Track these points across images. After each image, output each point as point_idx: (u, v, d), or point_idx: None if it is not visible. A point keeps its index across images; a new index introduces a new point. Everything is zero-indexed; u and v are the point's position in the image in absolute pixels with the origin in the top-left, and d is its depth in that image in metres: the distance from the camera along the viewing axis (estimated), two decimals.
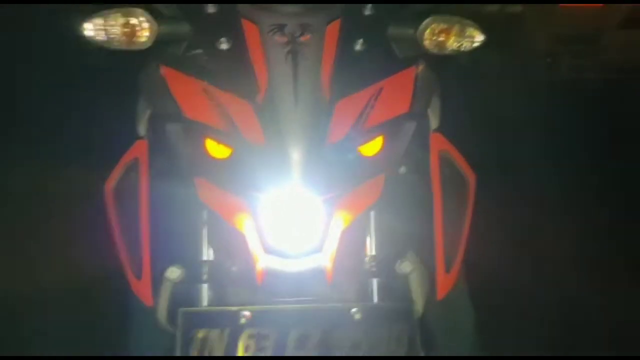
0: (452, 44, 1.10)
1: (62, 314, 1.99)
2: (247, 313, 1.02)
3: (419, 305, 1.21)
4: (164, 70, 1.07)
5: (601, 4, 3.67)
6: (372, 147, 1.06)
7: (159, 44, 1.08)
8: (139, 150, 1.19)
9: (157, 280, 1.16)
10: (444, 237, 1.20)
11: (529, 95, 3.61)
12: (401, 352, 1.02)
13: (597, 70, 3.93)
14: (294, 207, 1.01)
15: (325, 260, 1.04)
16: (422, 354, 1.03)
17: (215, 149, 1.04)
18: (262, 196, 1.01)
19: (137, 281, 1.15)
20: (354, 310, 1.04)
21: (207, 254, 1.15)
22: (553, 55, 3.90)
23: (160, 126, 1.07)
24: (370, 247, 1.17)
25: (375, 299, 1.13)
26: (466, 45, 1.11)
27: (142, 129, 1.22)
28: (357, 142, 1.04)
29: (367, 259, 1.16)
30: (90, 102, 2.74)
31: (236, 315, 1.03)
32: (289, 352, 1.00)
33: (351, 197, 1.05)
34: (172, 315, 1.17)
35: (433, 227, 1.20)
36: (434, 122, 1.29)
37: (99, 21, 1.05)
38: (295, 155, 0.99)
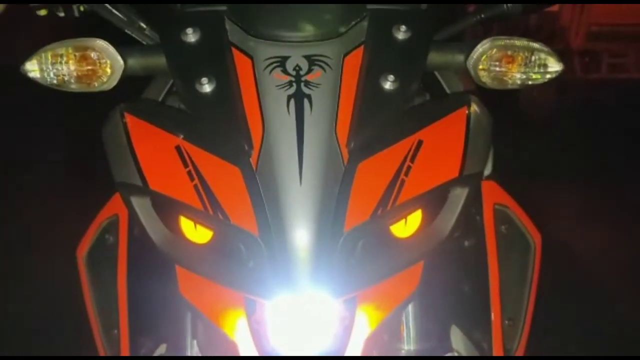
0: (516, 75, 0.82)
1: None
2: None
3: None
4: (129, 120, 0.80)
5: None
6: (409, 225, 0.78)
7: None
8: (118, 205, 0.94)
9: None
10: (503, 315, 0.95)
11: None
12: None
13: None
14: (301, 311, 0.75)
15: None
16: None
17: (193, 232, 0.77)
18: (259, 296, 0.75)
19: None
20: None
21: (193, 347, 0.92)
22: (591, 54, 3.67)
23: (124, 199, 0.80)
24: (408, 338, 0.92)
25: None
26: (536, 77, 0.82)
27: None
28: (387, 222, 0.76)
29: (403, 350, 0.90)
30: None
31: None
32: None
33: (380, 292, 0.78)
34: None
35: (488, 301, 0.95)
36: (486, 168, 1.00)
37: (45, 59, 0.80)
38: (302, 249, 0.71)
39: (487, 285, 0.96)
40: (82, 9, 0.97)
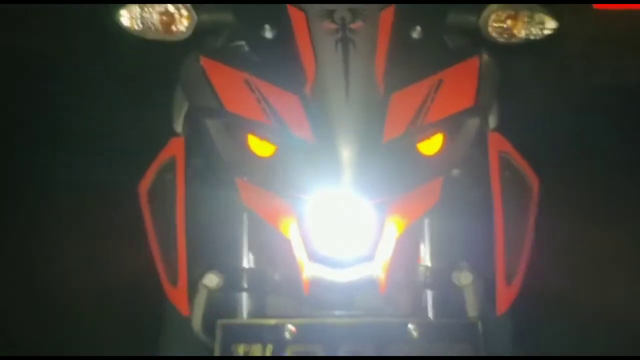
0: (520, 31, 1.00)
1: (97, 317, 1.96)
2: (292, 327, 0.93)
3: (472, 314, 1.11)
4: (204, 61, 0.98)
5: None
6: (432, 145, 0.96)
7: (199, 33, 1.00)
8: (175, 148, 1.11)
9: (194, 287, 1.08)
10: (505, 247, 1.10)
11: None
12: None
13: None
14: (343, 211, 0.92)
15: (377, 269, 0.95)
16: None
17: (259, 146, 0.95)
18: (309, 198, 0.92)
19: (173, 288, 1.08)
20: (411, 326, 0.94)
21: (248, 260, 1.07)
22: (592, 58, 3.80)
23: (199, 121, 0.98)
24: (425, 257, 1.07)
25: (430, 313, 1.03)
26: (536, 32, 1.00)
27: (178, 125, 1.15)
28: (415, 139, 0.94)
29: (421, 269, 1.06)
30: (122, 98, 2.69)
31: (280, 329, 0.94)
32: None
33: (406, 202, 0.95)
34: (208, 325, 1.09)
35: (492, 235, 1.10)
36: (492, 120, 1.18)
37: (135, 9, 0.97)
38: (347, 154, 0.89)
39: (493, 222, 1.12)
40: None
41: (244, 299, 1.04)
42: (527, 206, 1.13)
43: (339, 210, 0.92)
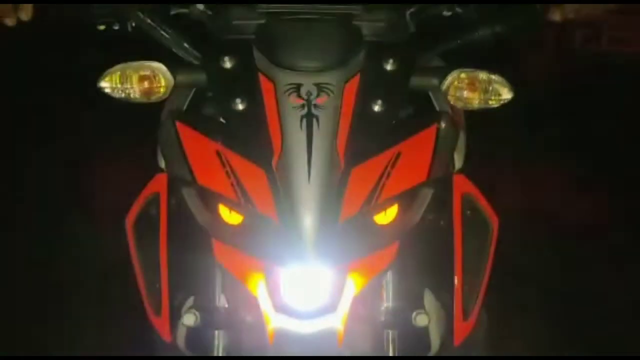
0: (477, 100, 1.06)
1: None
2: None
3: (434, 350, 1.21)
4: (179, 127, 1.05)
5: None
6: (387, 215, 1.03)
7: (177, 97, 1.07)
8: (159, 184, 1.19)
9: (175, 314, 1.18)
10: (464, 283, 1.18)
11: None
12: None
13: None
14: (307, 274, 1.01)
15: (337, 322, 1.04)
16: None
17: (228, 215, 1.03)
18: (275, 262, 1.01)
19: (156, 317, 1.17)
20: None
21: (222, 301, 1.16)
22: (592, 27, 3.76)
23: (176, 187, 1.06)
24: (386, 298, 1.16)
25: (390, 351, 1.13)
26: (492, 102, 1.06)
27: (162, 162, 1.22)
28: (371, 214, 1.02)
29: (382, 310, 1.15)
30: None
31: None
32: None
33: (364, 264, 1.04)
34: (189, 347, 1.21)
35: (454, 271, 1.19)
36: (458, 161, 1.25)
37: (114, 78, 1.03)
38: (308, 232, 0.97)
39: (453, 258, 1.20)
40: (134, 24, 1.19)
41: (219, 336, 1.14)
42: (487, 243, 1.21)
43: (301, 273, 1.01)
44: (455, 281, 1.18)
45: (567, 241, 2.54)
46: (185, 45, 1.14)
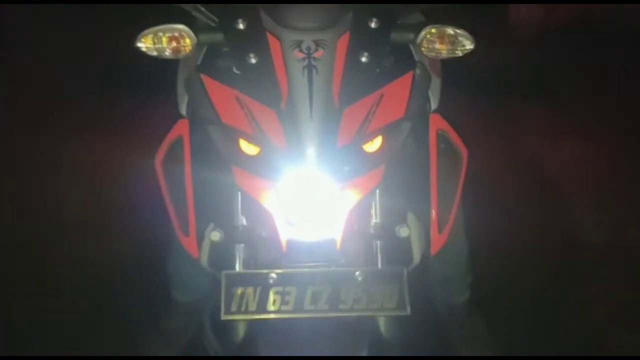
0: (444, 49, 1.30)
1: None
2: (274, 275, 1.29)
3: (416, 259, 1.47)
4: (204, 78, 1.30)
5: None
6: (374, 145, 1.29)
7: (204, 57, 1.31)
8: (182, 128, 1.43)
9: (200, 236, 1.42)
10: (438, 203, 1.43)
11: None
12: (392, 305, 1.27)
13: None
14: (311, 192, 1.26)
15: (336, 231, 1.30)
16: (408, 308, 1.28)
17: (247, 147, 1.28)
18: (285, 183, 1.26)
19: (185, 237, 1.42)
20: (357, 273, 1.30)
21: (242, 220, 1.40)
22: None
23: (201, 127, 1.31)
24: (375, 215, 1.40)
25: (379, 259, 1.38)
26: (458, 52, 1.30)
27: (183, 109, 1.47)
28: (361, 143, 1.27)
29: (372, 224, 1.40)
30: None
31: (266, 276, 1.29)
32: (306, 306, 1.27)
33: (357, 184, 1.29)
34: (211, 264, 1.46)
35: (430, 193, 1.44)
36: (434, 103, 1.50)
37: (148, 40, 1.27)
38: (311, 156, 1.23)
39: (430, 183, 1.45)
40: None
41: (239, 250, 1.39)
42: (458, 171, 1.46)
43: (307, 191, 1.26)
44: (432, 201, 1.43)
45: None
46: (204, 10, 1.37)
